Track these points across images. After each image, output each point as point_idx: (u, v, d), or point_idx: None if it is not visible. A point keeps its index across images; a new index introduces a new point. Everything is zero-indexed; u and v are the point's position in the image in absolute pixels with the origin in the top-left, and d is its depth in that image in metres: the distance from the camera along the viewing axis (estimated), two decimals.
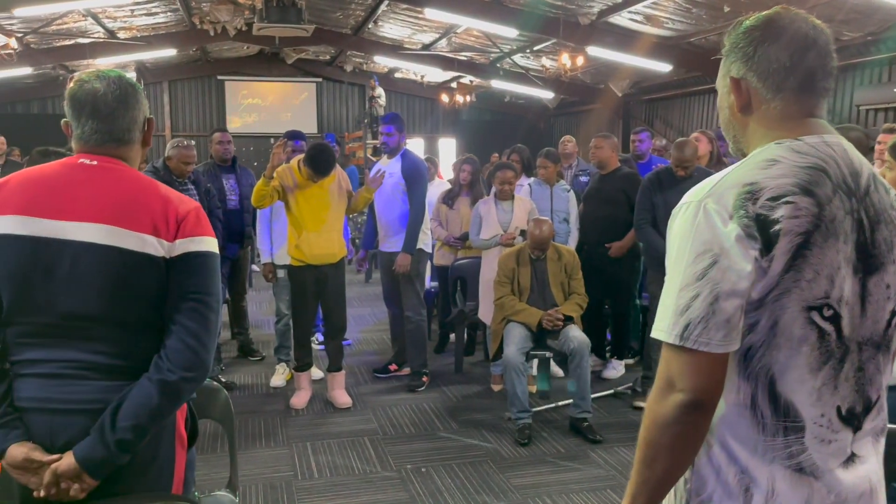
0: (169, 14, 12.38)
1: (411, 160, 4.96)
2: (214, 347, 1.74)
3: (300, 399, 4.71)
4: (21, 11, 9.88)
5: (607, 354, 5.48)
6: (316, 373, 5.16)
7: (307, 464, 3.85)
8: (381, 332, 6.74)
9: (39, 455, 1.64)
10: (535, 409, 4.40)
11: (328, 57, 16.97)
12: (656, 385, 1.21)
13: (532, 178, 5.53)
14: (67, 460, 1.62)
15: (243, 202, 5.45)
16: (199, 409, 2.48)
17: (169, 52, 14.53)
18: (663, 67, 11.16)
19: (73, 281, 1.65)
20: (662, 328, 1.19)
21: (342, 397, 4.73)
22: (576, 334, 4.27)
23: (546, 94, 15.84)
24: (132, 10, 11.78)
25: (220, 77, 17.15)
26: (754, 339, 1.18)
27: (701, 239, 1.17)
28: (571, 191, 5.39)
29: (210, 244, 1.73)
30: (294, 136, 5.19)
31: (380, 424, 4.41)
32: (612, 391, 4.97)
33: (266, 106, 17.25)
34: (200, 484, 3.56)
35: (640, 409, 4.66)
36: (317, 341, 5.72)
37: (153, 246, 1.67)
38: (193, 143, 5.31)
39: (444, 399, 4.89)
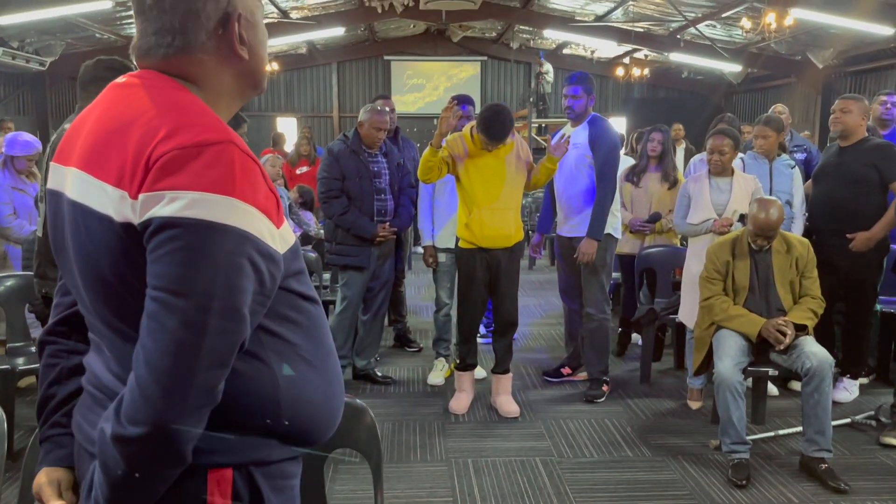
0: None
1: (601, 127, 4.14)
2: (197, 388, 0.98)
3: (460, 403, 4.10)
4: None
5: (835, 371, 4.41)
6: (478, 372, 4.53)
7: (468, 488, 3.21)
8: (549, 327, 6.02)
9: (49, 492, 1.20)
10: (750, 438, 3.49)
11: (494, 34, 16.38)
12: None
13: (746, 153, 4.53)
14: None
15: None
16: (337, 435, 1.90)
17: (338, 32, 14.56)
18: (882, 31, 9.49)
19: (73, 257, 1.12)
20: None
21: (509, 405, 4.06)
22: (814, 349, 3.32)
23: (732, 68, 14.29)
24: None
25: (386, 57, 17.10)
26: None
27: None
28: (797, 167, 4.36)
29: (207, 207, 0.97)
30: (462, 100, 4.56)
31: (553, 442, 3.69)
32: (847, 420, 3.94)
33: (430, 86, 16.99)
34: (344, 502, 3.03)
35: (891, 446, 3.62)
36: (479, 334, 5.08)
37: (115, 204, 1.01)
38: (388, 109, 4.80)
39: (631, 415, 4.09)
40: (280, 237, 1.09)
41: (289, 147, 9.69)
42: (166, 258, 0.97)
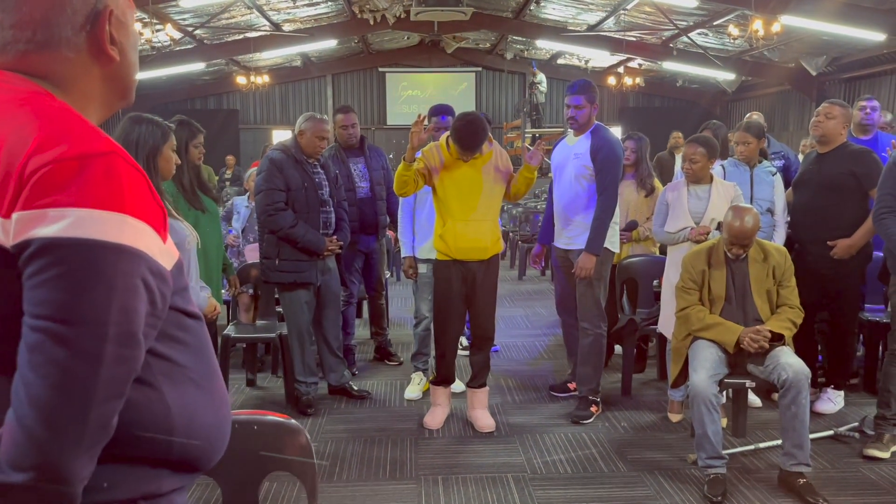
0: (330, 4, 12.29)
1: (603, 138, 3.96)
2: (93, 423, 0.90)
3: (435, 418, 4.01)
4: (187, 2, 10.04)
5: (819, 381, 4.33)
6: (456, 385, 4.44)
7: None
8: (534, 339, 5.94)
9: None
10: (728, 452, 3.40)
11: (488, 45, 16.40)
12: None
13: (727, 159, 4.46)
14: None
15: (375, 188, 4.81)
16: (269, 459, 1.83)
17: (330, 44, 14.58)
18: (874, 37, 9.45)
19: None
20: None
21: (484, 419, 3.97)
22: (790, 360, 3.23)
23: (725, 76, 14.30)
24: (294, 1, 11.77)
25: (381, 69, 17.13)
26: None
27: None
28: (778, 174, 4.28)
29: (97, 224, 0.90)
30: (440, 111, 4.47)
31: (527, 458, 3.61)
32: (830, 432, 3.84)
33: (425, 97, 17.01)
34: None
35: (874, 459, 3.52)
36: (461, 346, 5.00)
37: None
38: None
39: (609, 429, 3.99)
40: (167, 253, 1.02)
41: None
42: (51, 283, 0.88)
